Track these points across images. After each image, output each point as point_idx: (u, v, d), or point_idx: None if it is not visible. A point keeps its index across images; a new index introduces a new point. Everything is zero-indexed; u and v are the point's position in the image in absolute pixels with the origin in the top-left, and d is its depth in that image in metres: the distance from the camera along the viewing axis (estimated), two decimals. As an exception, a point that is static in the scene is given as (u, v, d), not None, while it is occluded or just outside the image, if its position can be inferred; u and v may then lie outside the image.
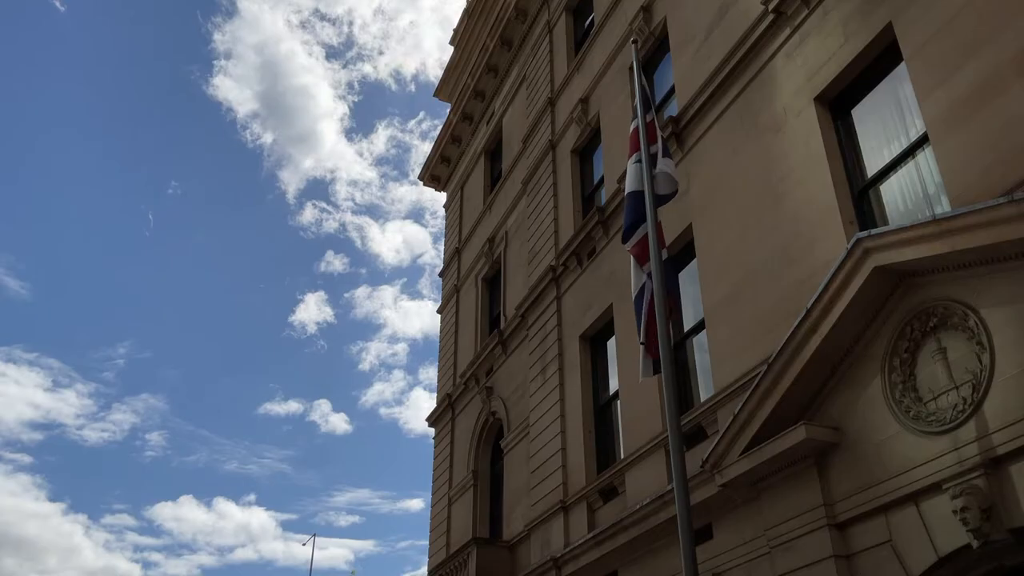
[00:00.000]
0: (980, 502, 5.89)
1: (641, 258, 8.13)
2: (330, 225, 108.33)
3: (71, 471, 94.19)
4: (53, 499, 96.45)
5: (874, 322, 7.20)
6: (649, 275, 8.00)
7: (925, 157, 7.88)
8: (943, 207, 7.39)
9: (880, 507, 6.78)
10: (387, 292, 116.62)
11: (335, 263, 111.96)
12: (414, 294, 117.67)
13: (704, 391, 10.22)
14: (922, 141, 7.89)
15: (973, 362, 6.31)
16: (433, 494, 19.02)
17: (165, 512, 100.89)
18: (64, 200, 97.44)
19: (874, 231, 6.92)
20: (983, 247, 6.17)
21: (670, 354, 7.17)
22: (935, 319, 6.69)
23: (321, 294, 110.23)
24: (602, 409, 12.87)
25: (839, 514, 7.13)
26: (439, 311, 21.98)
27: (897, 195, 8.21)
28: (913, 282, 6.91)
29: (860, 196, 8.52)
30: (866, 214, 8.39)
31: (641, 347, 7.83)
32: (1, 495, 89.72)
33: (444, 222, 23.74)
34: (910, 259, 6.67)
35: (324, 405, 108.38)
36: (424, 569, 19.96)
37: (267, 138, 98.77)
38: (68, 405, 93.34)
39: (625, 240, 8.44)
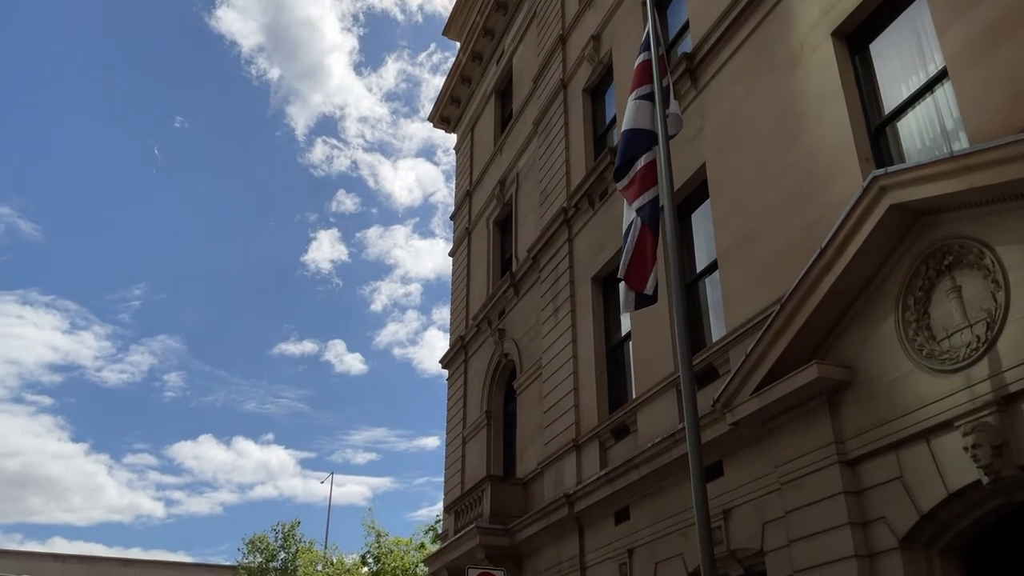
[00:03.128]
0: (991, 439, 5.93)
1: (632, 197, 8.14)
2: (341, 163, 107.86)
3: (92, 412, 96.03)
4: (76, 440, 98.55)
5: (888, 261, 7.16)
6: (638, 212, 8.03)
7: (944, 92, 7.73)
8: (961, 143, 7.28)
9: (891, 444, 6.83)
10: (399, 232, 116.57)
11: (347, 202, 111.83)
12: (426, 233, 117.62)
13: (716, 331, 10.24)
14: (941, 76, 7.73)
15: (988, 300, 6.29)
16: (447, 434, 19.31)
17: (185, 451, 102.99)
18: (70, 138, 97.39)
19: (890, 169, 6.84)
20: (1001, 184, 6.08)
21: (682, 293, 7.15)
22: (950, 257, 6.64)
23: (334, 232, 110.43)
24: (614, 350, 12.95)
25: (850, 451, 7.20)
26: (451, 254, 21.99)
27: (914, 132, 8.08)
28: (929, 220, 6.85)
29: (877, 133, 8.39)
30: (883, 151, 8.27)
31: (621, 283, 7.97)
32: (25, 436, 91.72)
33: (456, 161, 23.59)
34: (927, 197, 6.60)
35: (339, 346, 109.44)
36: (440, 505, 20.39)
37: (273, 73, 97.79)
38: (86, 347, 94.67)
39: (617, 179, 8.41)
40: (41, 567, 48.36)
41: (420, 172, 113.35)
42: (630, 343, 12.28)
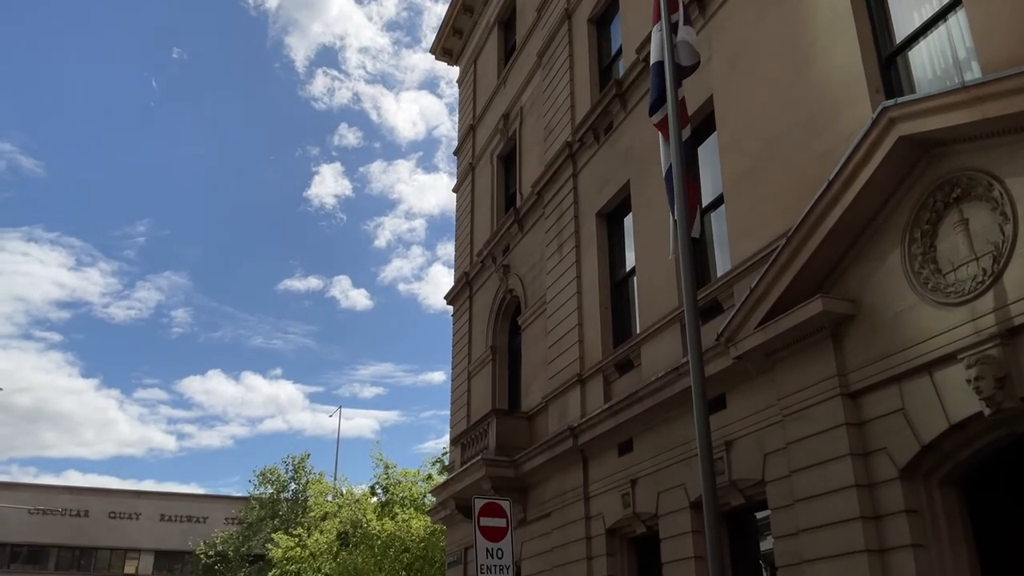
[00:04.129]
0: (995, 371, 5.96)
1: (667, 133, 8.00)
2: (342, 95, 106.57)
3: (101, 348, 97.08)
4: (86, 375, 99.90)
5: (896, 194, 7.10)
6: None
7: (956, 21, 7.54)
8: (974, 74, 7.14)
9: (894, 377, 6.88)
10: (402, 166, 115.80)
11: (349, 136, 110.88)
12: (430, 168, 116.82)
13: (721, 266, 10.23)
14: (954, 4, 7.53)
15: (995, 233, 6.25)
16: (453, 368, 19.51)
17: (195, 386, 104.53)
18: (68, 71, 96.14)
19: (900, 100, 6.73)
20: (1013, 114, 5.99)
21: (687, 229, 7.12)
22: (959, 190, 6.59)
23: (337, 166, 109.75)
24: (618, 285, 12.96)
25: (852, 384, 7.26)
26: (454, 190, 21.87)
27: (926, 62, 7.92)
28: (938, 152, 6.77)
29: (887, 63, 8.22)
30: (893, 82, 8.12)
31: (674, 223, 7.76)
32: (35, 372, 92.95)
33: (458, 95, 23.26)
34: (937, 128, 6.50)
35: (344, 281, 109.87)
36: (447, 438, 20.72)
37: (272, 2, 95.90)
38: (92, 284, 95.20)
39: (652, 113, 8.27)
40: (56, 499, 49.57)
41: (423, 105, 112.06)
42: (634, 278, 12.29)
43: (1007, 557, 7.17)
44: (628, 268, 12.73)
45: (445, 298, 20.55)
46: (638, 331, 11.65)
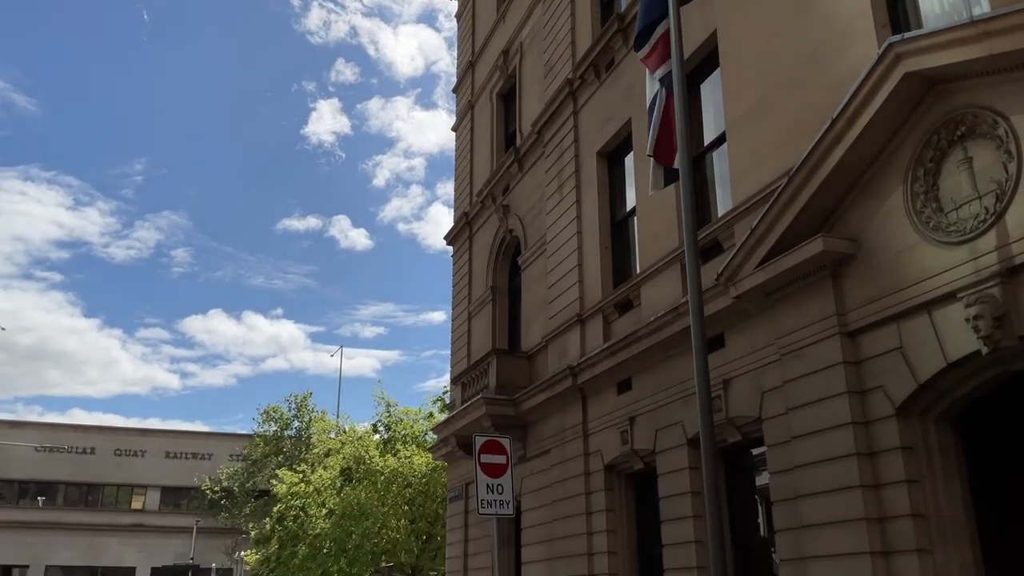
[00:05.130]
0: (993, 310, 5.98)
1: (654, 65, 7.82)
2: (339, 29, 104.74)
3: (102, 288, 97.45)
4: (88, 315, 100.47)
5: (900, 131, 7.02)
6: (661, 81, 7.74)
7: (968, -48, 7.35)
8: (982, 8, 6.98)
9: (892, 316, 6.91)
10: (401, 103, 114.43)
11: (346, 72, 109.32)
12: (428, 105, 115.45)
13: (722, 206, 10.18)
14: (967, -66, 7.33)
15: (999, 171, 6.20)
16: (453, 309, 19.58)
17: (196, 325, 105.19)
18: (58, 1, 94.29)
19: (907, 35, 6.59)
20: (1021, 50, 5.88)
21: (689, 163, 7.03)
22: (963, 127, 6.51)
23: (335, 102, 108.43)
24: (619, 225, 12.92)
25: (851, 323, 7.29)
26: (453, 129, 21.63)
27: (935, -5, 7.75)
28: (944, 89, 6.67)
29: (895, -3, 8.04)
30: (900, 17, 7.96)
31: (651, 159, 7.70)
32: (37, 312, 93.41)
33: (457, 29, 22.83)
34: (944, 64, 6.39)
35: (343, 221, 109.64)
36: (447, 377, 20.91)
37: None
38: (91, 223, 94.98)
39: (638, 47, 8.10)
40: (62, 437, 50.28)
41: (422, 39, 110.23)
42: (635, 218, 12.24)
43: (999, 492, 7.31)
44: (628, 208, 12.66)
45: (445, 238, 20.51)
46: (638, 271, 11.65)
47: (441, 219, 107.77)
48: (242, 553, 32.88)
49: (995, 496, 7.18)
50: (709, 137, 10.64)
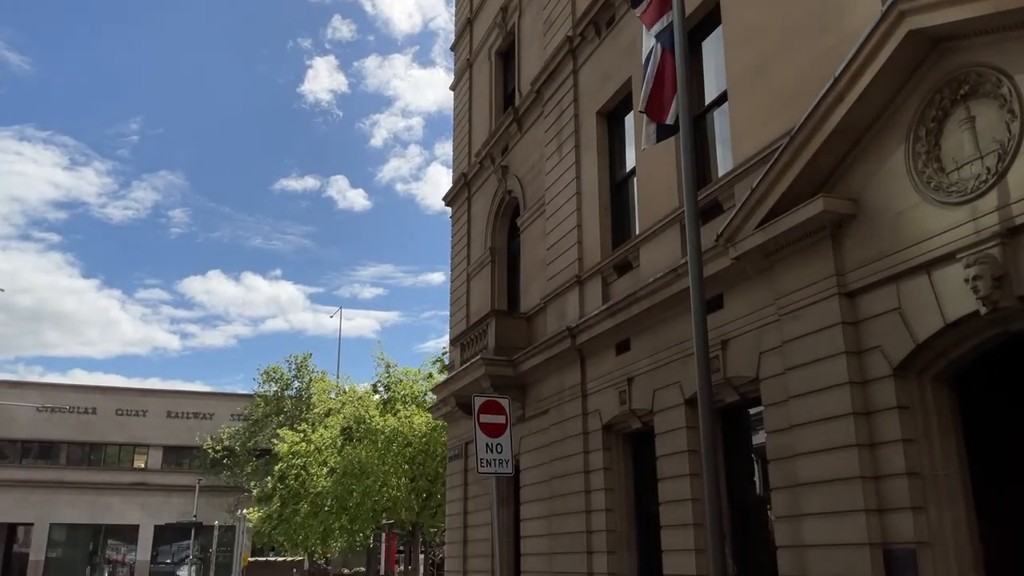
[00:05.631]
0: (993, 271, 5.98)
1: (650, 21, 7.72)
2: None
3: (100, 248, 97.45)
4: (86, 276, 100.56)
5: (903, 91, 6.96)
6: (657, 37, 7.65)
7: (977, -94, 7.21)
8: (990, -37, 6.87)
9: (891, 276, 6.90)
10: (398, 61, 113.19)
11: (343, 29, 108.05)
12: (426, 63, 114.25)
13: (723, 166, 10.12)
14: None
15: (1001, 131, 6.15)
16: (452, 270, 19.57)
17: (195, 286, 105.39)
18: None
19: (913, -9, 6.49)
20: (1028, 7, 5.80)
21: (689, 121, 6.98)
22: (967, 86, 6.45)
23: (331, 59, 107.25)
24: (618, 186, 12.86)
25: (850, 283, 7.29)
26: (452, 88, 21.42)
27: (941, -49, 7.61)
28: (947, 47, 6.59)
29: (901, -47, 7.90)
30: (906, -27, 7.83)
31: (643, 115, 7.64)
32: (36, 273, 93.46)
33: (454, -9, 22.50)
34: (948, 22, 6.31)
35: (340, 181, 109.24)
36: (447, 338, 20.98)
37: None
38: (88, 183, 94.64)
39: (635, 3, 7.99)
40: (63, 398, 50.57)
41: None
42: (635, 179, 12.18)
43: (994, 450, 7.38)
44: (628, 169, 12.59)
45: (444, 199, 20.42)
46: (637, 232, 11.62)
47: (440, 179, 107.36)
48: (244, 511, 33.29)
49: (990, 455, 7.25)
50: (710, 96, 10.54)
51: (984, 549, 6.68)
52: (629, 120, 12.53)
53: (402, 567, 35.36)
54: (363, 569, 38.66)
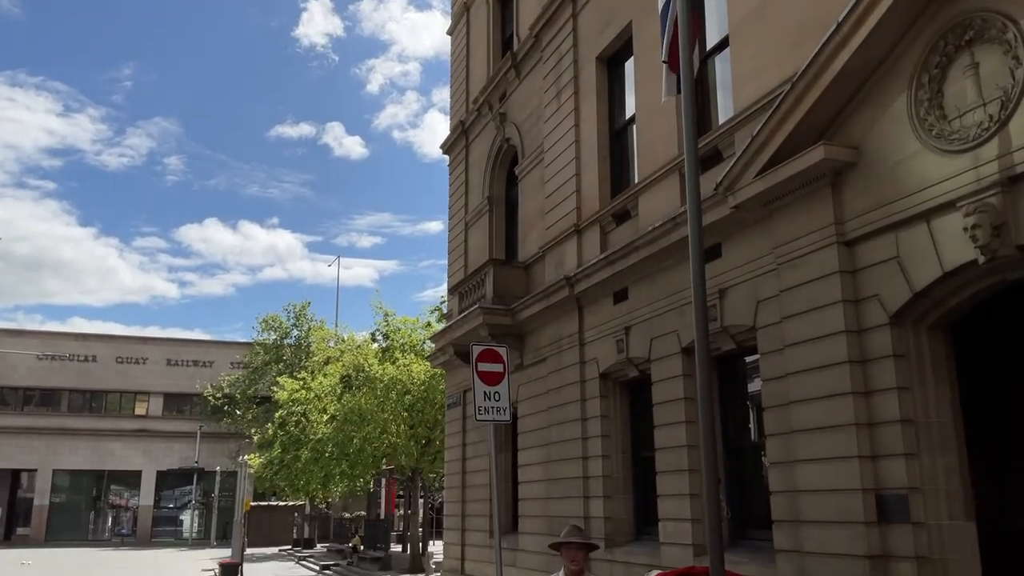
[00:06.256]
0: (992, 219, 5.96)
1: None
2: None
3: (96, 196, 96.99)
4: (83, 224, 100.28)
5: (907, 36, 6.85)
6: None
7: None
8: (1000, -96, 6.71)
9: (890, 225, 6.88)
10: (394, 3, 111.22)
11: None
12: (423, 5, 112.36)
13: (723, 113, 10.01)
14: None
15: (1005, 77, 6.08)
16: (450, 219, 19.49)
17: (192, 234, 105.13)
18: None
19: (920, -67, 6.36)
20: (1038, -51, 5.68)
21: (691, 69, 6.87)
22: (972, 32, 6.35)
23: (326, 2, 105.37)
24: (618, 134, 12.74)
25: (849, 232, 7.27)
26: (449, 32, 21.07)
27: None
28: (955, -9, 6.47)
29: None
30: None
31: (664, 65, 7.49)
32: (33, 221, 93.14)
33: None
34: (955, -36, 6.19)
35: (337, 128, 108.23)
36: (445, 286, 21.01)
37: None
38: (83, 130, 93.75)
39: None
40: (63, 345, 50.79)
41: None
42: (634, 127, 12.06)
43: (989, 398, 7.45)
44: (628, 116, 12.46)
45: (441, 147, 20.25)
46: (636, 181, 11.55)
47: (437, 127, 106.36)
48: (246, 457, 33.71)
49: (984, 402, 7.33)
50: (712, 41, 10.37)
51: (975, 494, 6.78)
52: (629, 66, 12.35)
53: (402, 511, 35.98)
54: (364, 513, 39.33)
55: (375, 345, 30.19)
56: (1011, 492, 7.76)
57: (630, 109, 12.33)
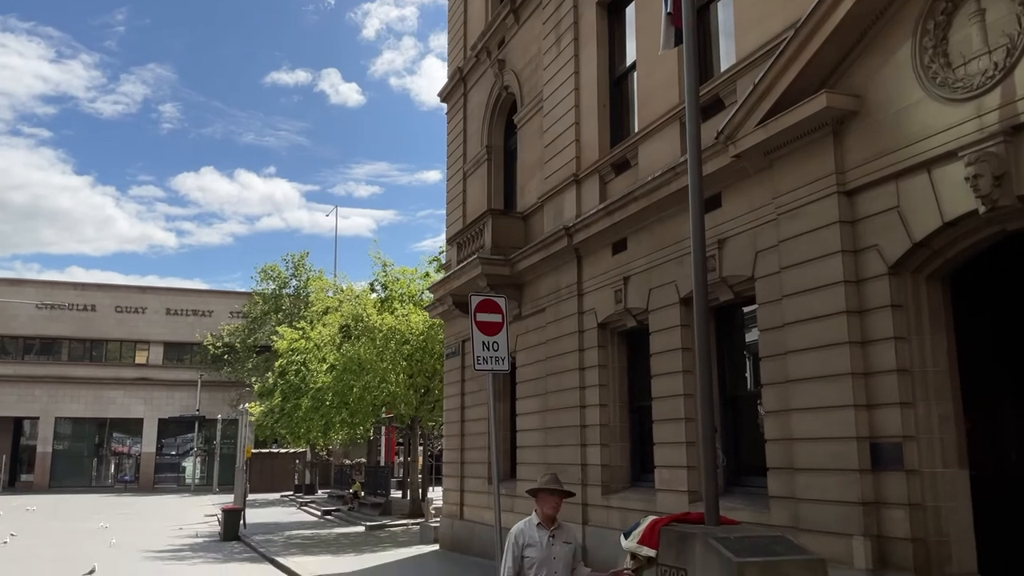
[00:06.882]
0: (994, 169, 5.92)
1: None
2: None
3: (91, 144, 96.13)
4: (79, 172, 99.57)
5: (914, -19, 6.72)
6: None
7: None
8: None
9: (891, 175, 6.84)
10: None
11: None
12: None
13: (725, 60, 9.87)
14: None
15: (1012, 24, 5.98)
16: (448, 168, 19.34)
17: (189, 183, 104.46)
18: None
19: None
20: None
21: (692, 16, 6.76)
22: (980, -23, 6.23)
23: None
24: (618, 81, 12.58)
25: (849, 182, 7.23)
26: (447, -23, 20.66)
27: None
28: (964, -66, 6.33)
29: None
30: None
31: (667, 16, 7.36)
32: (28, 169, 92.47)
33: None
34: (965, -93, 6.04)
35: (333, 75, 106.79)
36: (443, 237, 20.95)
37: None
38: (76, 77, 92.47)
39: None
40: (62, 295, 50.83)
41: None
42: (634, 74, 11.90)
43: (986, 347, 7.49)
44: (628, 63, 12.28)
45: (439, 95, 19.99)
46: (636, 130, 11.44)
47: (435, 74, 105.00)
48: (246, 405, 34.00)
49: (981, 351, 7.37)
50: (714, -13, 10.18)
51: (969, 442, 6.86)
52: (631, 11, 12.15)
53: (401, 458, 36.43)
54: (364, 460, 39.82)
55: (374, 295, 30.21)
56: (1006, 439, 7.86)
57: (631, 56, 12.16)
